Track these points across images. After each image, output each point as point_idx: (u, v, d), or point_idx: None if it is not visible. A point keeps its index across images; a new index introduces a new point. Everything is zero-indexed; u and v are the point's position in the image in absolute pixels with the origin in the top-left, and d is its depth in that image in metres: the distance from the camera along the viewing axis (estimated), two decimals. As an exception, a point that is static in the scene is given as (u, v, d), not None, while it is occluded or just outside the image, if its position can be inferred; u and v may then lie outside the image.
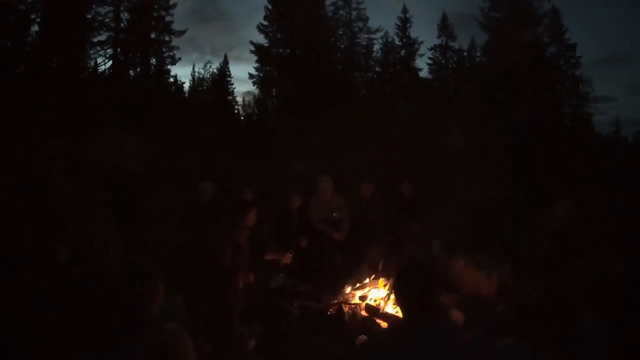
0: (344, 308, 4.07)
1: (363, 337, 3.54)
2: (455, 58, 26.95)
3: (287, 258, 4.92)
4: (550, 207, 5.25)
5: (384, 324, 3.89)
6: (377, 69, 26.50)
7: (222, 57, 40.96)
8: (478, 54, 24.29)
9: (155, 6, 17.62)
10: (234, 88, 26.75)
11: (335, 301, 4.32)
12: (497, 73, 16.99)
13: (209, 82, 26.34)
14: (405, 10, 26.45)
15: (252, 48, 19.81)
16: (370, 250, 5.47)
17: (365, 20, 23.49)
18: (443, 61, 27.13)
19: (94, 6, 16.35)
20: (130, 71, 17.85)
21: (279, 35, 19.66)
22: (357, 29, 23.39)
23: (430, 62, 27.21)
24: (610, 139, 24.19)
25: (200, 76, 27.02)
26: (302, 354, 3.34)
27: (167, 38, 18.18)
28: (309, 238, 5.47)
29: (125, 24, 17.10)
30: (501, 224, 5.89)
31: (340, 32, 22.24)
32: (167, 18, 18.30)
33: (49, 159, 3.89)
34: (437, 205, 6.21)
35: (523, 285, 4.62)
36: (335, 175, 6.09)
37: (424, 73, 26.80)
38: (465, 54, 26.36)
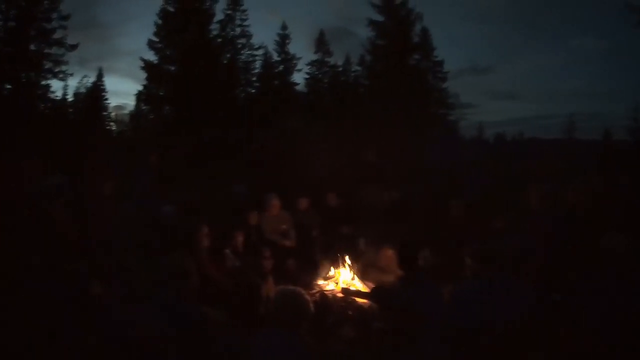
0: (326, 294, 5.21)
1: None
2: (330, 73, 29.51)
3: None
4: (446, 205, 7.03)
5: (360, 300, 5.10)
6: (256, 85, 27.65)
7: (90, 68, 38.27)
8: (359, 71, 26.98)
9: (40, 15, 16.11)
10: (109, 103, 25.51)
11: (315, 291, 5.43)
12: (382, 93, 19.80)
13: (83, 97, 24.68)
14: (284, 27, 28.20)
15: (142, 64, 19.47)
16: (318, 253, 6.66)
17: (249, 37, 24.44)
18: (320, 75, 29.47)
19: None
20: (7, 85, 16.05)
21: (168, 53, 19.57)
22: (240, 45, 24.20)
23: (307, 76, 29.34)
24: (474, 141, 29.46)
25: (78, 90, 25.16)
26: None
27: (59, 51, 16.79)
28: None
29: (6, 34, 15.35)
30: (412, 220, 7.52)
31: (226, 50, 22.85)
32: (59, 33, 16.95)
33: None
34: (360, 210, 7.66)
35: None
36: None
37: (300, 87, 28.80)
38: (340, 69, 28.94)
